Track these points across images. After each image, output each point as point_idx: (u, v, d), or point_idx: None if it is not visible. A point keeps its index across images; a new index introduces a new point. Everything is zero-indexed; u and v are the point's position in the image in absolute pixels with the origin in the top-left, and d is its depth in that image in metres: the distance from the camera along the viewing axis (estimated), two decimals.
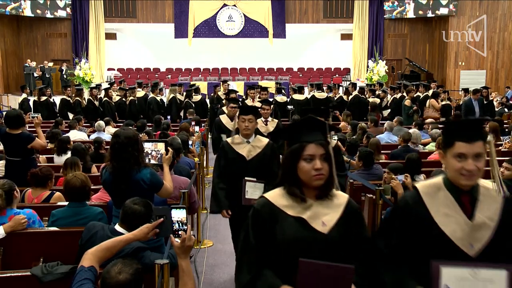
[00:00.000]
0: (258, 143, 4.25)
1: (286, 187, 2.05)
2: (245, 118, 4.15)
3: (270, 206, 2.03)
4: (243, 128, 4.17)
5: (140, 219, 2.79)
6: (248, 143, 4.21)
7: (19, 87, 14.47)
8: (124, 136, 3.40)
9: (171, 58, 20.89)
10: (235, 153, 4.20)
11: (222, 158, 4.27)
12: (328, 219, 2.01)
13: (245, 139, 4.22)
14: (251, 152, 4.18)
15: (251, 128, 4.20)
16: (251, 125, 4.18)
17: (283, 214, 2.01)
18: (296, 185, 2.02)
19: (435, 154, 6.47)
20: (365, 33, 20.29)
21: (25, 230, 3.46)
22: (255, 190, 3.99)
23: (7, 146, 5.51)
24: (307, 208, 2.01)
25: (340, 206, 2.05)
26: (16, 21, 19.26)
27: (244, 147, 4.20)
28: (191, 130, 8.27)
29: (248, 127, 4.16)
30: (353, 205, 2.10)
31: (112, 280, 2.15)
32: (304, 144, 1.99)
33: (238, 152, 4.19)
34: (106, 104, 11.74)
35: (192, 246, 2.36)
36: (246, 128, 4.17)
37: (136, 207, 2.88)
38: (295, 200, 2.02)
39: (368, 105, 11.67)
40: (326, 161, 1.98)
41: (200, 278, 4.58)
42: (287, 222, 1.99)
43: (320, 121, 2.08)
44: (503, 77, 18.49)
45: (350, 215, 2.05)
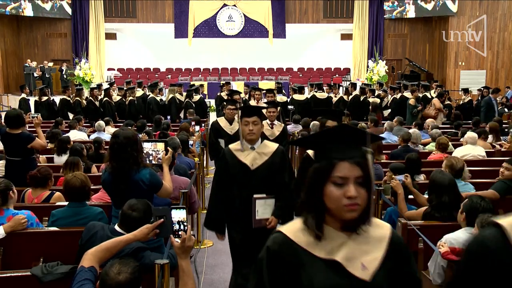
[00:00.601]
0: (265, 149, 3.65)
1: (304, 216, 1.57)
2: (248, 120, 3.56)
3: (291, 245, 1.53)
4: (246, 132, 3.59)
5: (138, 223, 2.78)
6: (252, 150, 3.62)
7: (19, 87, 14.46)
8: (123, 136, 3.40)
9: (171, 58, 20.88)
10: (237, 162, 3.61)
11: (222, 168, 3.70)
12: (369, 260, 1.51)
13: (249, 145, 3.63)
14: (256, 160, 3.59)
15: (256, 132, 3.60)
16: (256, 128, 3.59)
17: (309, 256, 1.51)
18: (318, 214, 1.52)
19: (435, 154, 6.48)
20: (365, 33, 20.29)
21: (25, 230, 3.45)
22: (266, 208, 3.50)
23: (7, 146, 5.51)
24: (339, 246, 1.51)
25: (382, 241, 1.55)
26: (16, 21, 19.26)
27: (248, 155, 3.60)
28: (191, 130, 8.26)
29: (252, 131, 3.57)
30: (397, 238, 1.60)
31: (112, 281, 2.15)
32: (335, 162, 1.49)
33: (241, 160, 3.60)
34: (107, 104, 11.75)
35: (192, 246, 2.36)
36: (251, 133, 3.57)
37: (135, 214, 2.86)
38: None
39: (368, 105, 11.68)
40: (364, 186, 1.48)
41: (200, 278, 4.58)
42: (315, 266, 1.50)
43: (359, 131, 1.58)
44: (503, 77, 18.49)
45: (396, 253, 1.56)
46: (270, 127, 6.26)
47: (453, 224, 3.47)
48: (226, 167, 3.64)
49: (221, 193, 3.64)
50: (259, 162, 3.60)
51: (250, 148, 3.63)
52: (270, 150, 3.65)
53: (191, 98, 12.26)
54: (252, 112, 3.63)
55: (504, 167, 4.64)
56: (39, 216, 3.76)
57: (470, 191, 4.52)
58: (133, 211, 2.86)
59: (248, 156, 3.61)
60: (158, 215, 2.53)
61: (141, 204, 2.91)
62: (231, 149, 3.69)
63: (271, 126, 6.29)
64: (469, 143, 6.79)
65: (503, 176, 4.64)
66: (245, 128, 3.60)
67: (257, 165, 3.59)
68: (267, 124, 6.22)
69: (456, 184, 3.83)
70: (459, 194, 3.78)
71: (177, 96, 12.29)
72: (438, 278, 3.22)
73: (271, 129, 6.25)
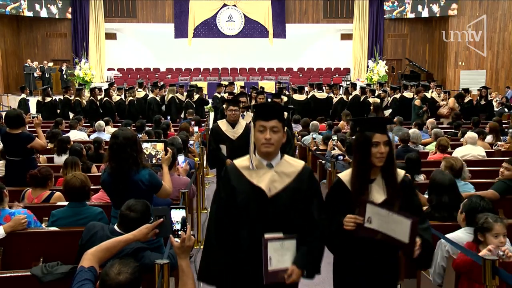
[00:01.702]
0: (287, 168, 2.55)
1: None
2: (265, 125, 2.48)
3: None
4: (261, 142, 2.48)
5: (136, 224, 2.77)
6: (270, 168, 2.53)
7: (19, 87, 14.47)
8: (123, 136, 3.39)
9: (171, 58, 20.89)
10: (247, 186, 2.52)
11: (224, 195, 2.57)
12: None
13: (265, 161, 2.54)
14: (275, 183, 2.51)
15: (276, 142, 2.50)
16: (275, 137, 2.48)
17: None
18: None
19: (432, 153, 6.48)
20: (365, 33, 20.30)
21: (25, 230, 3.45)
22: (284, 254, 2.48)
23: (7, 146, 5.52)
24: None
25: None
26: (16, 21, 19.27)
27: (264, 175, 2.52)
28: (191, 130, 8.27)
29: (270, 140, 2.47)
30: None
31: (112, 281, 2.15)
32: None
33: (253, 183, 2.52)
34: (107, 104, 11.75)
35: (192, 246, 2.35)
36: (267, 143, 2.47)
37: (133, 214, 2.85)
38: None
39: (368, 105, 11.67)
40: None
41: None
42: None
43: None
44: (503, 77, 18.49)
45: None
46: None
47: (453, 224, 3.46)
48: (231, 192, 2.55)
49: (222, 232, 2.54)
50: (278, 186, 2.51)
51: (266, 166, 2.53)
52: (294, 169, 2.56)
53: (192, 98, 12.28)
54: (271, 114, 2.51)
55: (504, 167, 4.64)
56: (39, 216, 3.76)
57: (470, 191, 4.52)
58: (131, 212, 2.85)
59: (264, 176, 2.52)
60: (158, 215, 2.53)
61: (139, 205, 2.89)
62: (237, 166, 2.59)
63: None
64: (469, 143, 6.79)
65: (503, 176, 4.64)
66: (260, 136, 2.49)
67: (277, 191, 2.50)
68: None
69: (456, 184, 3.83)
70: (459, 194, 3.77)
71: (178, 96, 12.30)
72: (438, 278, 3.21)
73: None
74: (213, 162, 5.88)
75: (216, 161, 5.75)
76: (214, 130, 5.75)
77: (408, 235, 2.35)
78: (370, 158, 2.51)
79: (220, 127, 5.68)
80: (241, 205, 2.52)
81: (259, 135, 2.50)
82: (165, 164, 3.80)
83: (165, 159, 3.82)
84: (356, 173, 2.58)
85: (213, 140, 5.72)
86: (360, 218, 2.43)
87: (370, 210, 2.41)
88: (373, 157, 2.51)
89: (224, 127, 5.68)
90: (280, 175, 2.53)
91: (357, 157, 2.60)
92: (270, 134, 2.47)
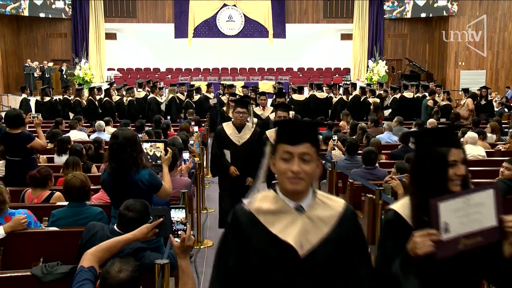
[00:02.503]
0: (323, 210, 1.77)
1: None
2: (292, 151, 1.69)
3: None
4: (287, 176, 1.70)
5: (134, 224, 2.77)
6: (300, 213, 1.74)
7: (19, 87, 14.47)
8: (123, 136, 3.39)
9: (171, 58, 20.89)
10: (268, 240, 1.73)
11: (232, 257, 1.77)
12: None
13: (292, 202, 1.75)
14: (308, 235, 1.73)
15: (308, 176, 1.71)
16: (307, 169, 1.70)
17: None
18: None
19: None
20: (365, 33, 20.29)
21: (25, 230, 3.45)
22: None
23: (7, 146, 5.52)
24: None
25: None
26: (16, 21, 19.27)
27: (292, 224, 1.73)
28: (191, 130, 8.27)
29: (299, 174, 1.69)
30: None
31: (113, 279, 2.15)
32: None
33: (278, 237, 1.72)
34: (107, 104, 11.76)
35: (192, 246, 2.35)
36: (296, 178, 1.69)
37: (130, 214, 2.84)
38: None
39: (368, 105, 11.68)
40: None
41: (200, 278, 4.58)
42: None
43: None
44: (503, 77, 18.49)
45: None
46: None
47: None
48: (244, 253, 1.76)
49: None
50: (313, 240, 1.72)
51: (295, 210, 1.74)
52: (332, 212, 1.78)
53: (192, 98, 12.29)
54: (301, 135, 1.72)
55: (504, 166, 4.64)
56: (39, 216, 3.76)
57: None
58: (129, 211, 2.84)
59: (293, 226, 1.71)
60: (158, 214, 2.53)
61: (137, 205, 2.88)
62: (252, 210, 1.78)
63: None
64: (469, 143, 6.79)
65: (503, 176, 4.64)
66: (284, 166, 1.70)
67: (312, 246, 1.71)
68: None
69: None
70: None
71: (178, 95, 12.31)
72: None
73: None
74: (216, 168, 5.40)
75: (218, 167, 5.29)
76: (218, 134, 5.25)
77: (495, 212, 1.77)
78: (447, 183, 1.82)
79: (225, 131, 5.20)
80: (259, 272, 1.72)
81: (282, 165, 1.71)
82: (165, 164, 3.81)
83: (165, 159, 3.82)
84: (422, 204, 1.79)
85: (216, 145, 5.26)
86: (434, 231, 1.67)
87: (445, 210, 1.70)
88: (449, 182, 1.82)
89: (229, 130, 5.18)
90: (314, 222, 1.75)
91: (426, 182, 1.84)
92: (300, 164, 1.69)
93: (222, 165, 5.18)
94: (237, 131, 5.16)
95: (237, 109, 5.15)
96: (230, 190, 5.16)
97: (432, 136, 1.90)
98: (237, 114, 5.14)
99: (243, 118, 5.15)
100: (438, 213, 1.69)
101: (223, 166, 5.17)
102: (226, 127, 5.23)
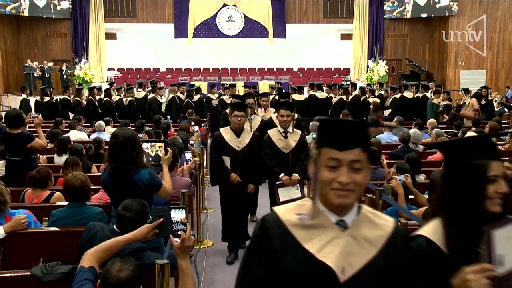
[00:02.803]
0: (370, 229, 1.52)
1: None
2: (340, 158, 1.43)
3: None
4: (332, 187, 1.44)
5: (133, 224, 2.76)
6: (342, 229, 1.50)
7: (19, 88, 14.46)
8: (123, 136, 3.39)
9: (171, 58, 20.90)
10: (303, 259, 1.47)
11: (256, 270, 1.53)
12: None
13: (334, 216, 1.49)
14: (351, 258, 1.47)
15: (358, 188, 1.45)
16: (358, 178, 1.44)
17: None
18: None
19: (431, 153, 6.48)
20: (365, 33, 20.30)
21: (25, 230, 3.45)
22: None
23: (7, 146, 5.52)
24: None
25: None
26: (16, 21, 19.27)
27: (332, 241, 1.47)
28: (191, 130, 8.27)
29: (348, 185, 1.43)
30: None
31: (113, 278, 2.15)
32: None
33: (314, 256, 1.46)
34: (107, 104, 11.76)
35: (192, 246, 2.35)
36: (343, 190, 1.43)
37: (128, 214, 2.84)
38: None
39: (368, 105, 11.68)
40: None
41: (200, 278, 4.57)
42: None
43: None
44: (503, 77, 18.50)
45: None
46: (283, 136, 5.02)
47: None
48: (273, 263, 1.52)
49: None
50: (357, 264, 1.47)
51: (336, 225, 1.50)
52: (381, 233, 1.53)
53: (191, 98, 12.28)
54: (351, 139, 1.46)
55: (506, 166, 4.63)
56: (39, 216, 3.76)
57: None
58: (127, 212, 2.84)
59: (333, 245, 1.47)
60: (158, 215, 2.53)
61: (135, 204, 2.88)
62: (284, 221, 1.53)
63: (284, 135, 5.03)
64: None
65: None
66: (330, 176, 1.45)
67: (354, 271, 1.46)
68: (279, 132, 5.04)
69: None
70: None
71: (179, 95, 12.31)
72: None
73: (284, 139, 5.01)
74: (216, 177, 5.07)
75: (218, 175, 5.00)
76: (217, 140, 4.95)
77: None
78: (485, 202, 1.52)
79: (222, 136, 4.92)
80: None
81: (327, 175, 1.44)
82: (165, 164, 3.81)
83: (165, 159, 3.82)
84: (459, 228, 1.53)
85: (214, 151, 4.95)
86: (489, 266, 1.38)
87: (500, 239, 1.39)
88: (488, 200, 1.52)
89: (227, 136, 4.90)
90: (359, 242, 1.49)
91: (461, 203, 1.54)
92: (348, 174, 1.43)
93: (222, 172, 4.91)
94: (235, 136, 4.88)
95: (234, 112, 4.85)
96: (232, 198, 4.94)
97: (467, 147, 1.58)
98: (235, 118, 4.85)
99: (242, 122, 4.86)
100: (492, 243, 1.40)
101: (223, 173, 4.91)
102: (224, 132, 4.94)
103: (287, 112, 4.94)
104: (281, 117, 4.97)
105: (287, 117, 4.92)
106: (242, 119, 4.84)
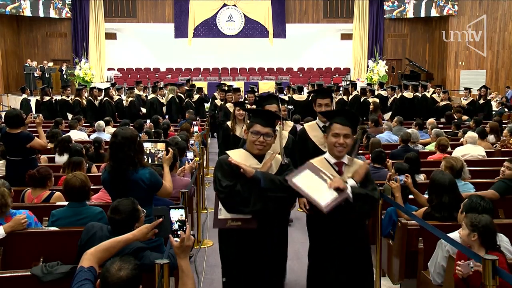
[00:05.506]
0: None
1: None
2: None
3: None
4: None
5: (125, 225, 2.76)
6: None
7: (19, 88, 14.47)
8: (121, 136, 3.38)
9: (171, 58, 20.91)
10: None
11: None
12: None
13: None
14: None
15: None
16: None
17: None
18: None
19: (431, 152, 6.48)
20: (365, 33, 20.30)
21: (25, 230, 3.46)
22: None
23: (7, 146, 5.52)
24: None
25: None
26: (16, 21, 19.28)
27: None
28: (191, 130, 8.27)
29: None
30: None
31: (113, 277, 2.15)
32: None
33: None
34: (107, 104, 11.75)
35: (191, 246, 2.35)
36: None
37: (117, 217, 2.84)
38: None
39: (368, 105, 11.69)
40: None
41: (200, 278, 4.57)
42: None
43: None
44: (503, 77, 18.50)
45: None
46: None
47: (453, 224, 3.46)
48: None
49: None
50: None
51: None
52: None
53: (191, 98, 12.29)
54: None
55: (506, 166, 4.64)
56: (39, 216, 3.76)
57: (470, 191, 4.52)
58: (115, 215, 2.85)
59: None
60: (157, 214, 2.53)
61: (123, 205, 2.87)
62: None
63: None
64: (469, 142, 6.79)
65: (504, 176, 4.64)
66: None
67: None
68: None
69: (457, 184, 3.82)
70: (459, 195, 3.77)
71: (179, 95, 12.31)
72: (438, 278, 3.21)
73: None
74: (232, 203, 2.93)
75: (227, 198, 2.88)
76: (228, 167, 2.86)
77: None
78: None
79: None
80: None
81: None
82: (166, 164, 3.80)
83: (166, 159, 3.82)
84: None
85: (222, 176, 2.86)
86: None
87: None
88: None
89: (246, 159, 2.90)
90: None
91: None
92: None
93: None
94: (257, 161, 2.92)
95: (254, 127, 2.87)
96: None
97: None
98: (254, 138, 2.87)
99: (266, 145, 2.89)
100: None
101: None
102: (235, 155, 2.93)
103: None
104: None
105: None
106: (267, 140, 2.88)
